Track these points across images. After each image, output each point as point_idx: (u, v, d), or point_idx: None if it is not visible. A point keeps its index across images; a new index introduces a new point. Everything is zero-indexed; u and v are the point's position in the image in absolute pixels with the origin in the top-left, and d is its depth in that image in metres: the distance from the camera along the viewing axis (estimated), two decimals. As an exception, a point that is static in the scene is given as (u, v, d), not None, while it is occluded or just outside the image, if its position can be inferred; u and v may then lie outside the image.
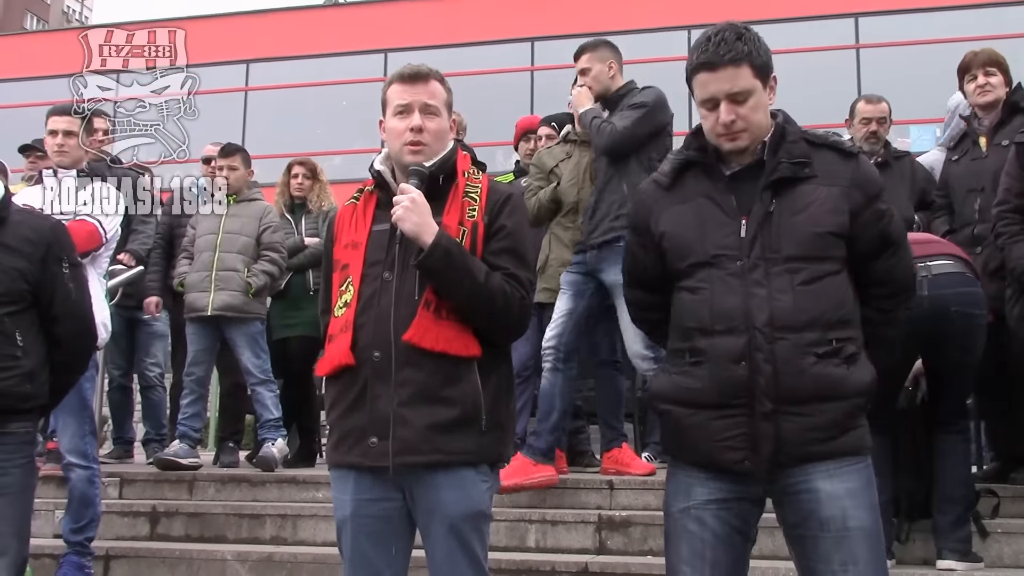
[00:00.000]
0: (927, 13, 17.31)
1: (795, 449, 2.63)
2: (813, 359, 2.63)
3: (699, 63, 2.78)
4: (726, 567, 2.76)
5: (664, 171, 2.93)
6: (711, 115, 2.78)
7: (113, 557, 5.36)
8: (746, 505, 2.76)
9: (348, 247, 2.98)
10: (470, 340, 2.85)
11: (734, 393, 2.65)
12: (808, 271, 2.67)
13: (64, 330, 3.72)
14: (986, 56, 5.24)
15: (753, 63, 2.74)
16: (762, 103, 2.77)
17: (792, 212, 2.71)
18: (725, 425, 2.67)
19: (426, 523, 2.89)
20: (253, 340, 6.54)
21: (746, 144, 2.77)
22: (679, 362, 2.78)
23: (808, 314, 2.64)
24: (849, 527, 2.63)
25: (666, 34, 18.40)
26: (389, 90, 3.02)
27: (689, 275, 2.77)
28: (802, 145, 2.78)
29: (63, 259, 3.74)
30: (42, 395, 3.67)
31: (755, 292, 2.66)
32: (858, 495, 2.66)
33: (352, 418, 2.87)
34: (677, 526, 2.80)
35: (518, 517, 5.29)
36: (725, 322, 2.67)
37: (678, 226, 2.81)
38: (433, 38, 18.80)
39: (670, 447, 2.89)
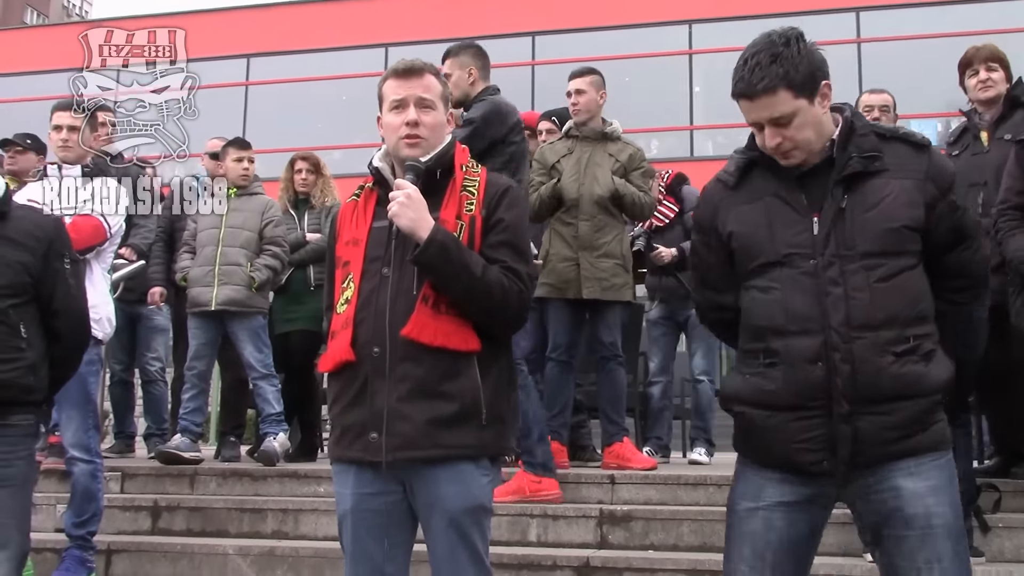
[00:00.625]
0: (928, 8, 17.31)
1: (873, 449, 2.60)
2: (891, 358, 2.59)
3: (737, 92, 2.70)
4: (786, 571, 2.72)
5: (729, 170, 2.86)
6: (760, 135, 2.73)
7: (115, 551, 5.37)
8: (816, 509, 2.73)
9: (349, 244, 2.99)
10: (469, 334, 2.85)
11: (811, 395, 2.61)
12: (885, 267, 2.62)
13: (64, 325, 3.75)
14: (988, 51, 5.23)
15: (792, 84, 2.64)
16: (809, 119, 2.67)
17: (865, 207, 2.66)
18: (802, 427, 2.63)
19: (427, 517, 2.89)
20: (255, 334, 6.54)
21: (800, 159, 2.71)
22: (753, 363, 2.73)
23: (886, 312, 2.60)
24: (933, 524, 2.60)
25: (666, 28, 18.41)
26: (384, 85, 3.02)
27: (759, 275, 2.72)
28: (872, 138, 2.73)
29: (64, 255, 3.78)
30: (43, 388, 3.69)
31: (830, 291, 2.61)
32: (941, 492, 2.62)
33: (353, 413, 2.87)
34: (742, 525, 2.75)
35: (519, 511, 5.29)
36: (800, 322, 2.63)
37: (746, 225, 2.76)
38: (434, 32, 18.75)
39: (743, 448, 2.83)
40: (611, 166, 6.04)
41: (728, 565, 2.78)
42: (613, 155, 6.09)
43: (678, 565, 4.79)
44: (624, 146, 6.18)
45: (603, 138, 6.15)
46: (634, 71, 18.28)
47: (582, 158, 6.05)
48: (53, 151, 5.29)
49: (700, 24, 18.49)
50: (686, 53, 18.51)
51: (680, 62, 18.41)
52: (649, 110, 18.34)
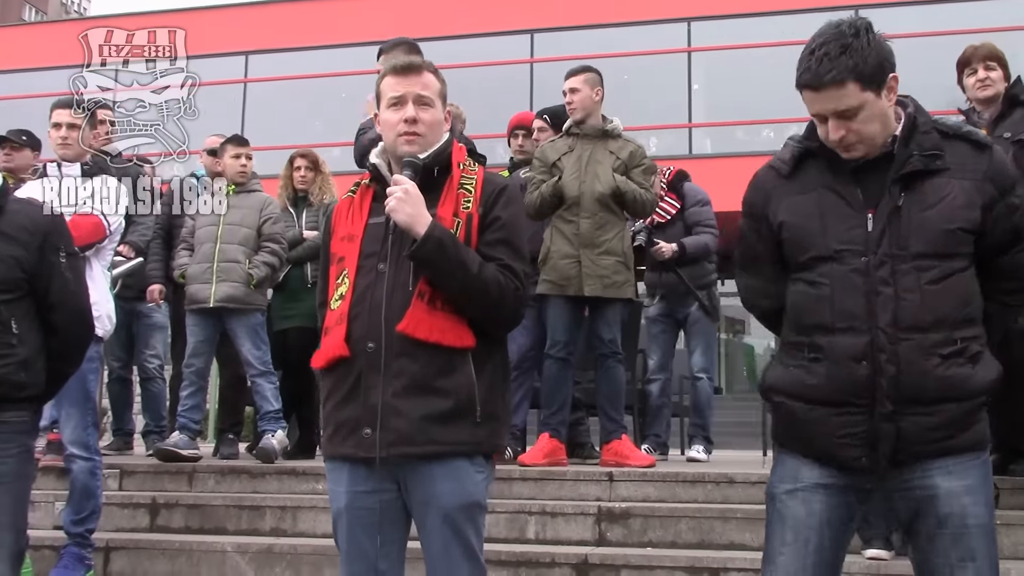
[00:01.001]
0: (926, 6, 17.30)
1: (915, 448, 2.58)
2: (938, 360, 2.56)
3: (802, 83, 2.64)
4: (828, 553, 2.70)
5: (783, 158, 2.80)
6: (822, 127, 2.68)
7: (113, 549, 5.38)
8: (854, 494, 2.70)
9: (344, 240, 2.98)
10: (464, 331, 2.85)
11: (854, 392, 2.59)
12: (937, 269, 2.59)
13: (61, 318, 3.72)
14: (986, 50, 5.23)
15: (861, 77, 2.57)
16: (876, 113, 2.62)
17: (923, 207, 2.61)
18: (844, 422, 2.61)
19: (421, 514, 2.89)
20: (254, 331, 6.54)
21: (862, 154, 2.66)
22: (797, 356, 2.71)
23: (935, 314, 2.57)
24: (968, 524, 2.60)
25: (665, 26, 18.38)
26: (383, 83, 3.02)
27: (808, 268, 2.69)
28: (934, 136, 2.68)
29: (60, 248, 3.74)
30: (38, 384, 3.66)
31: (881, 290, 2.58)
32: (976, 491, 2.62)
33: (346, 409, 2.87)
34: (783, 509, 2.73)
35: (518, 508, 5.30)
36: (847, 320, 2.60)
37: (798, 216, 2.72)
38: (432, 30, 18.73)
39: (783, 438, 2.81)
40: (612, 163, 6.04)
41: (769, 550, 2.75)
42: (614, 152, 6.09)
43: (676, 562, 4.79)
44: (625, 143, 6.18)
45: (604, 135, 6.15)
46: (633, 69, 18.26)
47: (583, 156, 6.05)
48: (52, 149, 5.29)
49: (699, 22, 18.46)
50: (685, 51, 18.48)
51: (679, 60, 18.39)
52: (648, 108, 18.32)
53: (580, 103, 6.15)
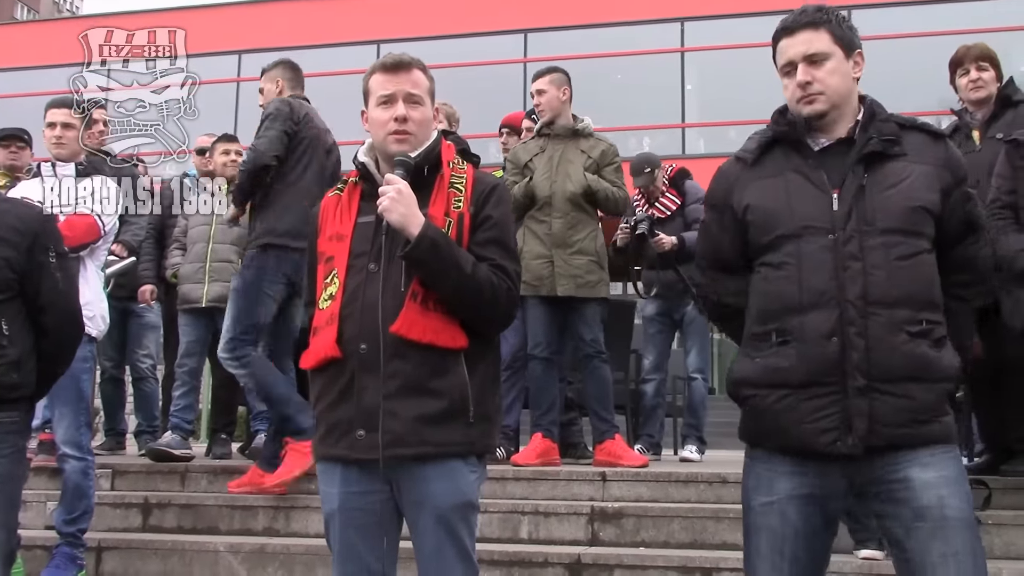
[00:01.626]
0: (919, 7, 17.34)
1: (888, 431, 2.59)
2: (905, 337, 2.60)
3: (779, 30, 2.82)
4: (806, 563, 2.72)
5: (749, 148, 2.90)
6: (789, 81, 2.79)
7: (105, 549, 5.36)
8: (830, 501, 2.72)
9: (333, 239, 2.96)
10: (457, 331, 2.84)
11: (825, 371, 2.61)
12: (904, 246, 2.65)
13: (51, 319, 3.71)
14: (978, 51, 5.25)
15: (832, 31, 2.78)
16: (841, 69, 2.78)
17: (885, 187, 2.70)
18: (816, 405, 2.62)
19: (414, 515, 2.88)
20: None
21: (824, 108, 2.76)
22: (763, 346, 2.73)
23: (901, 290, 2.62)
24: (947, 516, 2.58)
25: (658, 26, 18.41)
26: (371, 80, 3.00)
27: (774, 249, 2.73)
28: (892, 125, 2.78)
29: (50, 248, 3.72)
30: (29, 384, 3.65)
31: (849, 265, 2.63)
32: (953, 483, 2.62)
33: (338, 411, 2.85)
34: (758, 520, 2.75)
35: (511, 508, 5.30)
36: (815, 296, 2.63)
37: (764, 199, 2.79)
38: (426, 29, 18.77)
39: (753, 435, 2.81)
40: (583, 163, 6.06)
41: (747, 561, 2.78)
42: (585, 151, 6.11)
43: (669, 562, 4.80)
44: (596, 142, 6.19)
45: (574, 135, 6.17)
46: (626, 68, 18.29)
47: (554, 156, 6.08)
48: (47, 148, 5.27)
49: (692, 22, 18.50)
50: (678, 51, 18.52)
51: (672, 60, 18.42)
52: (641, 108, 18.35)
53: (547, 104, 6.18)
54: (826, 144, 2.81)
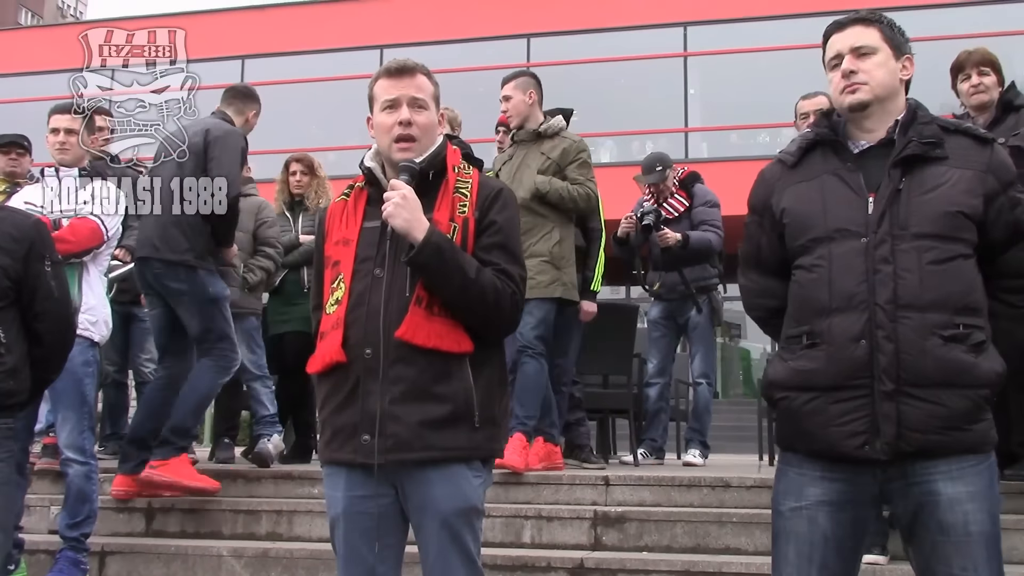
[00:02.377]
0: (920, 11, 17.32)
1: (917, 436, 2.56)
2: (939, 341, 2.57)
3: (830, 26, 2.85)
4: (835, 570, 2.70)
5: (790, 150, 2.90)
6: (835, 74, 2.80)
7: (108, 553, 5.37)
8: (861, 508, 2.71)
9: (339, 244, 2.98)
10: (462, 336, 2.85)
11: (853, 373, 2.60)
12: (938, 250, 2.61)
13: (45, 327, 3.76)
14: (980, 56, 5.24)
15: (883, 31, 2.80)
16: (888, 66, 2.79)
17: (923, 190, 2.67)
18: (844, 409, 2.61)
19: (419, 519, 2.88)
20: (248, 335, 6.54)
21: (866, 98, 2.75)
22: (795, 348, 2.74)
23: (934, 293, 2.58)
24: (971, 532, 2.58)
25: (661, 31, 18.43)
26: (376, 86, 3.01)
27: (807, 252, 2.73)
28: (934, 127, 2.76)
29: (45, 257, 3.77)
30: (24, 391, 3.70)
31: (880, 268, 2.61)
32: (980, 499, 2.60)
33: (344, 415, 2.86)
34: (787, 525, 2.74)
35: (513, 513, 5.31)
36: (844, 300, 2.63)
37: (800, 202, 2.79)
38: (429, 34, 18.80)
39: (785, 438, 2.81)
40: (540, 165, 6.03)
41: (775, 566, 2.77)
42: (545, 153, 6.08)
43: (672, 566, 4.79)
44: (559, 141, 6.15)
45: (538, 138, 6.14)
46: (629, 73, 18.30)
47: (515, 162, 6.08)
48: (50, 154, 5.27)
49: (695, 26, 18.51)
50: (681, 55, 18.53)
51: (675, 64, 18.43)
52: (644, 112, 18.36)
53: (514, 109, 6.19)
54: (866, 146, 2.80)
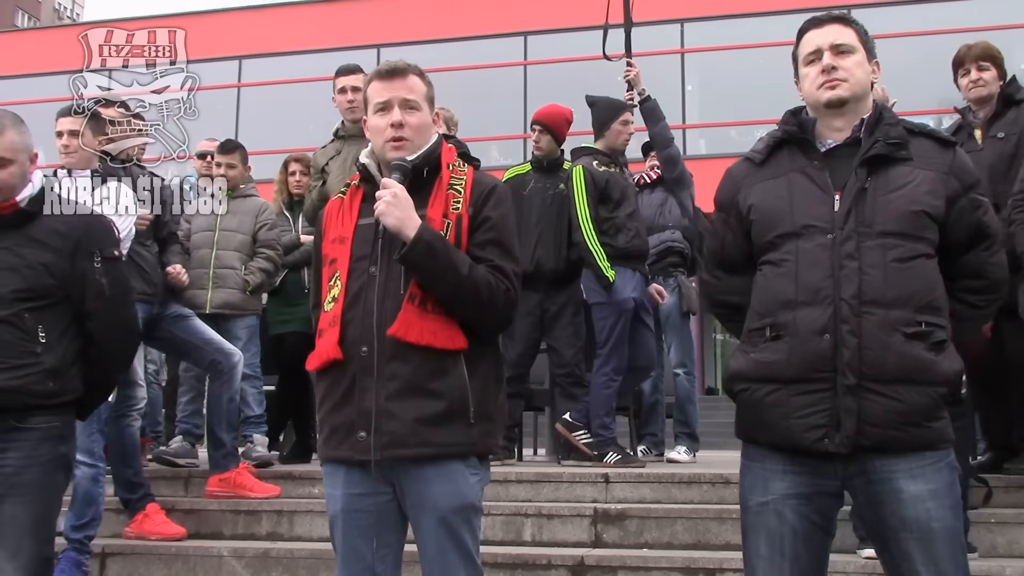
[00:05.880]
0: (920, 5, 17.34)
1: (876, 432, 2.60)
2: (901, 338, 2.61)
3: (807, 23, 2.89)
4: (806, 562, 2.73)
5: (758, 148, 2.94)
6: (812, 68, 2.83)
7: (109, 555, 5.36)
8: (825, 499, 2.74)
9: (336, 242, 2.99)
10: (456, 333, 2.85)
11: (816, 366, 2.62)
12: (902, 248, 2.66)
13: (96, 326, 3.57)
14: (979, 50, 5.23)
15: (859, 32, 2.86)
16: (864, 65, 2.83)
17: (888, 189, 2.72)
18: (805, 401, 2.64)
19: (416, 517, 2.89)
20: (249, 334, 6.52)
21: (846, 95, 2.79)
22: (758, 340, 2.76)
23: (898, 291, 2.63)
24: (933, 528, 2.62)
25: (658, 27, 18.40)
26: (369, 88, 3.04)
27: (774, 248, 2.77)
28: (899, 129, 2.80)
29: (94, 253, 3.57)
30: (71, 391, 3.51)
31: (845, 264, 2.65)
32: (941, 495, 2.64)
33: (341, 413, 2.87)
34: (756, 521, 2.77)
35: (514, 511, 5.30)
36: (810, 294, 2.66)
37: (768, 198, 2.82)
38: (426, 33, 18.79)
39: (746, 430, 2.83)
40: None
41: (747, 561, 2.80)
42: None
43: (672, 563, 4.80)
44: None
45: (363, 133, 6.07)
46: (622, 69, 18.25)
47: (348, 158, 5.98)
48: (59, 157, 5.24)
49: (692, 23, 18.51)
50: (678, 52, 18.53)
51: (672, 61, 18.43)
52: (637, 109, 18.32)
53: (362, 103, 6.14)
54: (833, 145, 2.83)
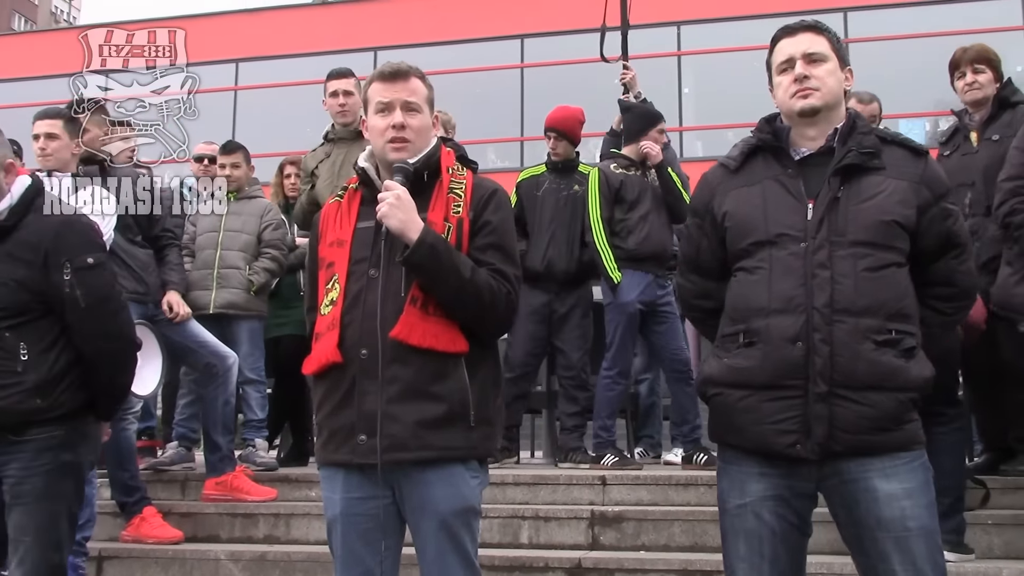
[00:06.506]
0: (916, 8, 17.35)
1: (848, 437, 2.63)
2: (871, 345, 2.64)
3: (779, 31, 2.92)
4: (785, 563, 2.76)
5: (733, 155, 2.96)
6: (785, 77, 2.85)
7: (106, 558, 5.36)
8: (801, 500, 2.77)
9: (333, 245, 2.99)
10: (457, 336, 2.86)
11: (788, 374, 2.66)
12: (873, 258, 2.69)
13: (79, 338, 3.46)
14: (975, 53, 5.23)
15: (831, 40, 2.89)
16: (836, 73, 2.86)
17: (860, 199, 2.74)
18: (777, 407, 2.67)
19: (416, 520, 2.89)
20: (252, 337, 6.51)
21: (818, 104, 2.81)
22: (731, 346, 2.79)
23: (868, 300, 2.66)
24: (909, 527, 2.65)
25: (655, 30, 18.42)
26: (370, 89, 3.04)
27: (749, 255, 2.79)
28: (872, 138, 2.83)
29: (64, 265, 3.42)
30: (64, 404, 3.42)
31: (817, 273, 2.68)
32: (916, 494, 2.67)
33: (340, 416, 2.87)
34: (734, 523, 2.79)
35: (511, 513, 5.30)
36: (783, 302, 2.69)
37: (742, 205, 2.85)
38: (422, 36, 18.78)
39: (719, 433, 2.87)
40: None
41: (727, 562, 2.82)
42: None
43: (669, 565, 4.80)
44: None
45: (358, 137, 5.99)
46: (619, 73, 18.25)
47: (336, 161, 6.02)
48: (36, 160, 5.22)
49: (689, 25, 18.51)
50: (675, 55, 18.53)
51: (669, 63, 18.43)
52: (639, 112, 18.31)
53: (353, 107, 6.16)
54: (807, 154, 2.86)
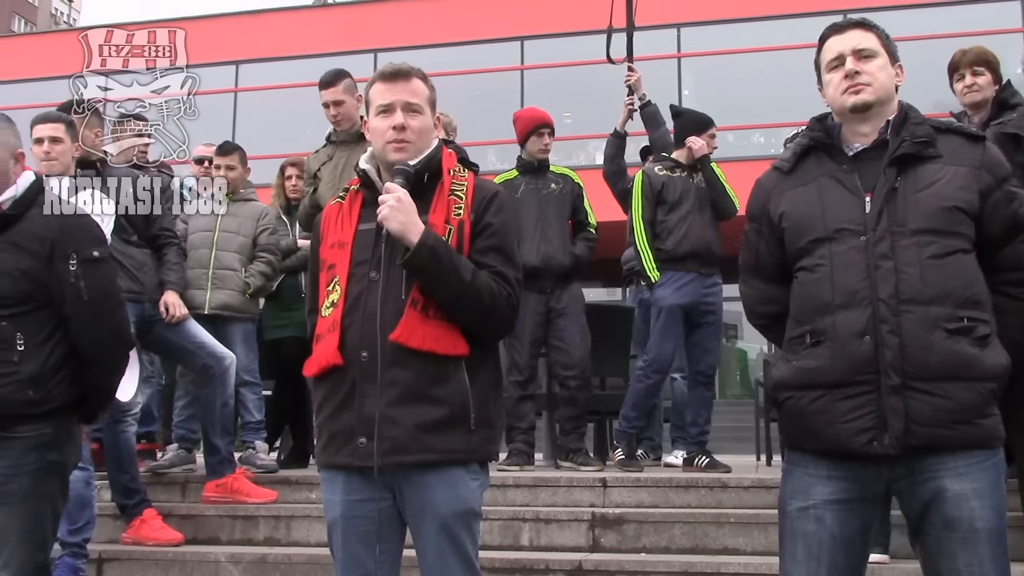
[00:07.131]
0: (915, 9, 17.34)
1: (925, 431, 2.57)
2: (943, 334, 2.58)
3: (828, 29, 2.90)
4: (843, 568, 2.71)
5: (785, 157, 2.95)
6: (836, 74, 2.83)
7: (106, 560, 5.35)
8: (868, 505, 2.72)
9: (334, 247, 2.98)
10: (457, 339, 2.85)
11: (859, 369, 2.61)
12: (937, 245, 2.64)
13: (76, 331, 3.48)
14: (974, 55, 5.23)
15: (880, 36, 2.87)
16: (887, 69, 2.84)
17: (918, 188, 2.71)
18: (851, 405, 2.62)
19: (417, 523, 2.89)
20: (246, 340, 6.52)
21: (870, 99, 2.79)
22: (799, 348, 2.75)
23: (936, 288, 2.61)
24: (977, 528, 2.60)
25: (655, 32, 18.42)
26: (371, 89, 3.03)
27: (808, 253, 2.76)
28: (926, 127, 2.80)
29: (70, 256, 3.46)
30: (55, 398, 3.44)
31: (880, 264, 2.64)
32: (986, 495, 2.61)
33: (341, 419, 2.87)
34: (794, 525, 2.75)
35: (512, 515, 5.30)
36: (847, 296, 2.65)
37: (798, 204, 2.82)
38: (423, 38, 18.78)
39: (791, 437, 2.83)
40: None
41: (783, 566, 2.78)
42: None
43: (670, 567, 4.79)
44: None
45: (360, 139, 5.97)
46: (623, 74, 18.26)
47: (338, 163, 6.02)
48: (36, 165, 5.20)
49: (689, 28, 18.51)
50: (675, 56, 18.53)
51: (669, 66, 18.43)
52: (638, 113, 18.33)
53: (346, 113, 6.15)
54: (860, 149, 2.84)
